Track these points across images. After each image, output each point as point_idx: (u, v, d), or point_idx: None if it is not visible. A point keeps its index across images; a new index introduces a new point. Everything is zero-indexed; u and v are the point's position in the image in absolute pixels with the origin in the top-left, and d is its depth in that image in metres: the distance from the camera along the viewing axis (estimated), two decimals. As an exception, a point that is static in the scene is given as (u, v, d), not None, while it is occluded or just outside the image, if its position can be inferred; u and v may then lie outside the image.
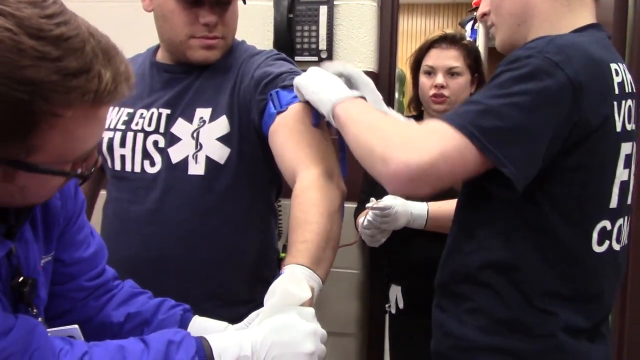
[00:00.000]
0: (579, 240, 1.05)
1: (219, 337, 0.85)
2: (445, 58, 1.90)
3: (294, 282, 0.91)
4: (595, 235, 1.05)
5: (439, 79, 1.88)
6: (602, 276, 1.09)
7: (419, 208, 1.73)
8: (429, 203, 1.73)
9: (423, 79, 1.94)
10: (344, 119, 1.06)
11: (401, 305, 1.93)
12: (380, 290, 2.11)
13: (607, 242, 1.07)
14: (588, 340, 1.09)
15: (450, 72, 1.89)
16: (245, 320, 0.92)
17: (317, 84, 1.12)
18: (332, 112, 1.08)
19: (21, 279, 0.85)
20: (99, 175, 1.55)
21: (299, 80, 1.15)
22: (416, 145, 0.96)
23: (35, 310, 0.87)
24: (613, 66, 1.04)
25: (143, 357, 0.79)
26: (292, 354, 0.83)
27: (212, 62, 1.38)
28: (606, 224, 1.06)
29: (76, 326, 0.92)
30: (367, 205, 1.74)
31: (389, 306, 1.99)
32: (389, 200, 1.69)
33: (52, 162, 0.75)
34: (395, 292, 1.95)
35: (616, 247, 1.09)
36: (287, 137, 1.18)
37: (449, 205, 1.62)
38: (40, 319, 0.86)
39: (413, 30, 8.41)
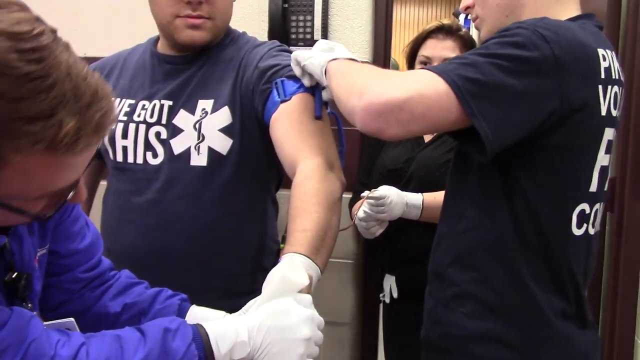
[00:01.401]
0: (559, 222, 1.05)
1: (215, 323, 0.85)
2: (442, 49, 1.88)
3: (292, 269, 0.92)
4: (574, 218, 1.06)
5: None
6: (579, 260, 1.09)
7: (414, 198, 1.72)
8: (424, 194, 1.73)
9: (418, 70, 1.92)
10: (333, 71, 1.09)
11: (395, 295, 1.94)
12: (375, 279, 2.12)
13: (584, 226, 1.07)
14: (576, 326, 1.09)
15: None
16: (244, 308, 0.92)
17: (314, 51, 1.17)
18: (324, 68, 1.10)
19: (15, 274, 0.85)
20: (99, 166, 1.55)
21: (297, 52, 1.19)
22: (395, 82, 0.96)
23: (29, 304, 0.87)
24: (600, 51, 1.04)
25: (140, 346, 0.80)
26: (289, 339, 0.83)
27: (199, 43, 1.36)
28: (585, 207, 1.07)
29: (72, 319, 0.92)
30: (362, 194, 1.74)
31: (383, 295, 2.00)
32: (384, 190, 1.69)
33: (12, 197, 0.70)
34: (390, 282, 1.95)
35: (591, 231, 1.10)
36: (288, 126, 1.18)
37: (443, 196, 1.62)
38: (35, 312, 0.86)
39: (408, 20, 8.39)
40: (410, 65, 1.97)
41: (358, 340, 2.20)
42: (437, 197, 1.70)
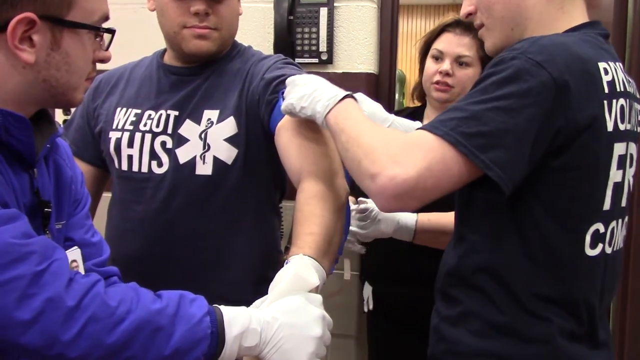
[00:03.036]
0: (571, 243, 1.03)
1: (230, 308, 0.86)
2: (457, 45, 1.76)
3: (304, 268, 0.93)
4: (588, 238, 1.03)
5: (446, 65, 1.75)
6: (594, 280, 1.06)
7: (407, 217, 1.59)
8: (419, 214, 1.60)
9: (429, 63, 1.80)
10: (333, 130, 1.07)
11: (371, 306, 1.84)
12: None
13: (600, 246, 1.05)
14: (586, 347, 1.07)
15: (459, 61, 1.75)
16: (253, 304, 0.92)
17: (299, 94, 1.13)
18: (324, 123, 1.09)
19: (41, 201, 0.90)
20: (102, 175, 1.56)
21: (287, 94, 1.16)
22: (401, 159, 0.95)
23: (49, 236, 0.92)
24: (602, 65, 1.02)
25: (156, 301, 0.82)
26: (301, 336, 0.84)
27: (206, 53, 1.38)
28: (599, 226, 1.04)
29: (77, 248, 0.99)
30: (352, 207, 1.60)
31: (365, 302, 1.90)
32: (371, 202, 1.57)
33: (84, 20, 0.85)
34: (368, 292, 1.87)
35: (608, 250, 1.07)
36: (294, 134, 1.19)
37: (438, 218, 1.56)
38: None
39: (413, 32, 8.41)
40: (423, 59, 1.86)
41: (364, 352, 2.19)
42: (432, 219, 1.59)
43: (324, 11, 2.00)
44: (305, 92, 1.12)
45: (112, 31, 0.92)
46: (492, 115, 0.94)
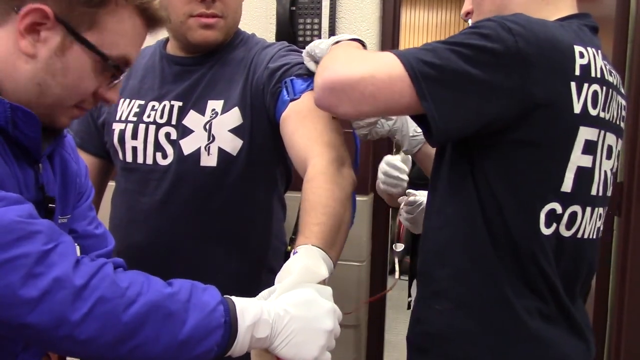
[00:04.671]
0: (526, 219, 1.03)
1: (241, 298, 0.85)
2: None
3: (313, 260, 0.92)
4: (542, 216, 1.03)
5: None
6: (548, 259, 1.05)
7: None
8: None
9: None
10: (327, 53, 1.11)
11: None
12: (381, 281, 2.12)
13: (554, 225, 1.05)
14: (561, 329, 1.07)
15: None
16: (257, 296, 0.91)
17: (327, 40, 1.20)
18: (328, 51, 1.13)
19: (46, 197, 0.89)
20: (106, 166, 1.56)
21: (309, 45, 1.23)
22: (355, 62, 1.00)
23: None
24: (577, 48, 1.02)
25: (167, 287, 0.80)
26: (312, 329, 0.83)
27: (212, 43, 1.37)
28: (556, 206, 1.04)
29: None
30: (400, 199, 1.63)
31: (411, 300, 1.96)
32: (419, 196, 1.58)
33: (99, 47, 0.84)
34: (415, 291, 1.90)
35: (565, 233, 1.06)
36: (299, 124, 1.19)
37: None
38: None
39: (415, 23, 8.39)
40: None
41: (363, 342, 2.20)
42: None
43: (326, 2, 2.00)
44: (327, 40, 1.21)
45: (120, 71, 0.89)
46: (449, 54, 0.96)
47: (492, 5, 1.15)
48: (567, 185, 1.04)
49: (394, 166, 1.58)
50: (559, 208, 1.04)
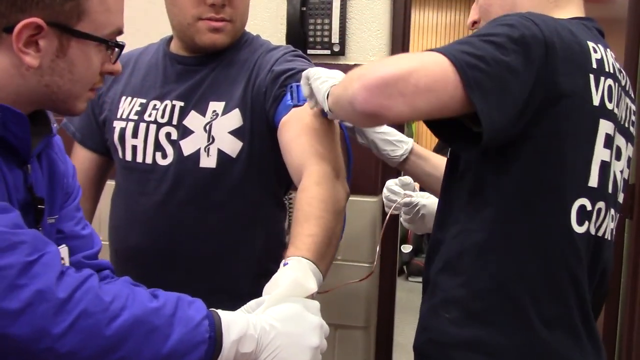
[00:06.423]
0: (557, 216, 1.00)
1: (227, 312, 0.84)
2: None
3: (303, 273, 0.91)
4: (574, 213, 1.01)
5: None
6: (581, 260, 1.03)
7: None
8: None
9: None
10: (333, 89, 1.07)
11: None
12: (390, 284, 2.12)
13: (586, 223, 1.02)
14: (570, 337, 1.04)
15: None
16: (245, 307, 0.90)
17: (326, 74, 1.14)
18: (327, 93, 1.09)
19: (35, 198, 0.89)
20: (106, 163, 1.56)
21: (310, 70, 1.17)
22: (396, 59, 0.95)
23: (42, 230, 0.90)
24: (590, 44, 1.03)
25: (153, 300, 0.79)
26: (298, 345, 0.82)
27: (220, 47, 1.37)
28: (585, 202, 1.01)
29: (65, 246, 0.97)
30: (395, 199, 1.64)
31: None
32: (415, 197, 1.60)
33: (94, 32, 0.86)
34: None
35: (593, 231, 1.04)
36: (299, 130, 1.18)
37: None
38: None
39: (426, 24, 8.36)
40: None
41: (372, 344, 2.20)
42: None
43: (336, 2, 2.00)
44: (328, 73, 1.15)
45: (120, 46, 0.92)
46: (483, 44, 0.95)
47: (501, 10, 1.14)
48: (594, 180, 1.02)
49: (392, 191, 1.63)
50: (588, 204, 1.02)
